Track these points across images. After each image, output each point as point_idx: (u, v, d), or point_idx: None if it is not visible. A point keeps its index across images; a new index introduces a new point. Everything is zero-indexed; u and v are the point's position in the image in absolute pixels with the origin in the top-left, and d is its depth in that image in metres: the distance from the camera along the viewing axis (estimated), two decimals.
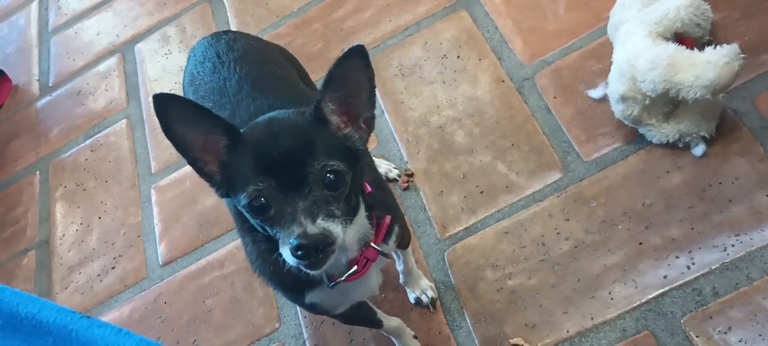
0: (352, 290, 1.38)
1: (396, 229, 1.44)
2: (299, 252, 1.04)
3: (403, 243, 1.67)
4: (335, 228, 1.06)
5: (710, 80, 1.65)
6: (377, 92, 2.33)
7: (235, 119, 1.46)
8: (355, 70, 1.10)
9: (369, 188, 1.31)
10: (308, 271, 1.10)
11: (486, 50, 2.32)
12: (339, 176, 1.09)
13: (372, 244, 1.30)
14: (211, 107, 1.56)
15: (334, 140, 1.14)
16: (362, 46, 1.08)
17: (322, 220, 1.05)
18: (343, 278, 1.28)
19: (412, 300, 1.88)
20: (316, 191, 1.07)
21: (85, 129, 2.87)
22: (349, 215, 1.15)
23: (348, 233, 1.18)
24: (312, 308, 1.40)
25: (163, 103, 1.06)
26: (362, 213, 1.26)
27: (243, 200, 1.09)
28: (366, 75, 1.11)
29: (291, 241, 1.03)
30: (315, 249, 1.04)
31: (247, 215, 1.13)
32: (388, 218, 1.34)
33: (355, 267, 1.29)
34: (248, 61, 1.61)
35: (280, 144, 1.10)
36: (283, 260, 1.10)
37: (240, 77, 1.56)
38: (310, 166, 1.07)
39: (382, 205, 1.37)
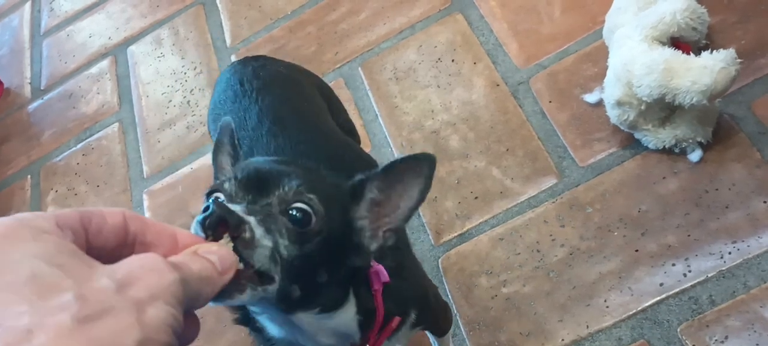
0: None
1: (411, 316, 1.19)
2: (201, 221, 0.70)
3: (441, 330, 1.50)
4: (263, 236, 0.76)
5: (706, 85, 1.64)
6: (371, 97, 2.33)
7: (250, 157, 1.36)
8: (415, 175, 0.92)
9: (387, 277, 1.07)
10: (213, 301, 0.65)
11: (481, 54, 2.30)
12: (308, 214, 0.83)
13: None
14: None
15: (342, 212, 0.92)
16: (435, 158, 0.91)
17: (256, 220, 0.76)
18: None
19: None
20: (274, 209, 0.81)
21: (77, 132, 2.84)
22: (299, 283, 0.84)
23: (316, 320, 0.96)
24: None
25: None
26: (349, 312, 1.01)
27: (205, 196, 0.88)
28: (420, 186, 0.92)
29: (204, 206, 0.72)
30: (215, 225, 0.70)
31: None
32: (396, 320, 1.10)
33: None
34: (273, 92, 1.46)
35: (278, 163, 0.91)
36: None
37: (261, 109, 1.41)
38: (283, 184, 0.84)
39: (397, 299, 1.12)
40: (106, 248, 0.53)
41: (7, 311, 0.42)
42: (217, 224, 0.69)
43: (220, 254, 0.58)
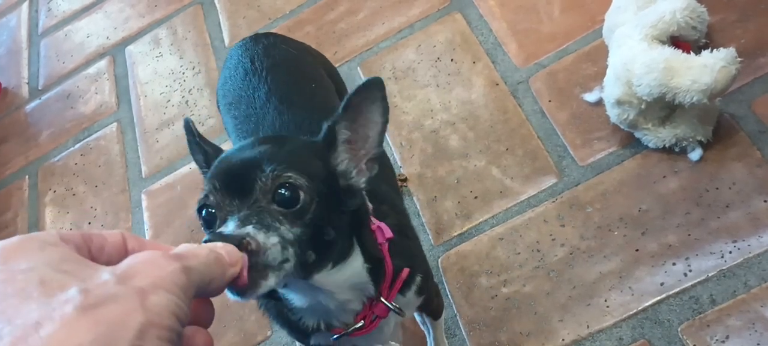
0: (360, 341, 1.21)
1: (417, 279, 1.24)
2: None
3: (435, 312, 1.56)
4: (267, 238, 0.80)
5: (707, 84, 1.63)
6: None
7: (258, 134, 1.34)
8: (371, 102, 0.97)
9: (390, 233, 1.13)
10: (231, 296, 0.74)
11: (480, 53, 2.29)
12: (295, 191, 0.86)
13: (382, 299, 1.11)
14: (237, 117, 1.48)
15: (322, 167, 0.95)
16: (381, 79, 0.96)
17: (253, 227, 0.79)
18: (348, 331, 1.13)
19: None
20: (262, 203, 0.84)
21: (75, 133, 2.83)
22: (312, 248, 0.89)
23: (331, 276, 1.00)
24: None
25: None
26: (357, 261, 1.05)
27: (197, 213, 0.92)
28: (380, 110, 0.98)
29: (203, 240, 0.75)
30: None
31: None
32: (406, 271, 1.15)
33: (361, 322, 1.12)
34: (282, 71, 1.49)
35: (244, 152, 0.93)
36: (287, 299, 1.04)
37: (269, 88, 1.44)
38: (259, 175, 0.86)
39: (403, 254, 1.18)
40: (109, 264, 0.55)
41: (18, 311, 0.44)
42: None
43: (227, 249, 0.62)
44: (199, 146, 1.08)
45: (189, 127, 1.10)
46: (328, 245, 0.95)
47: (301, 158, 0.93)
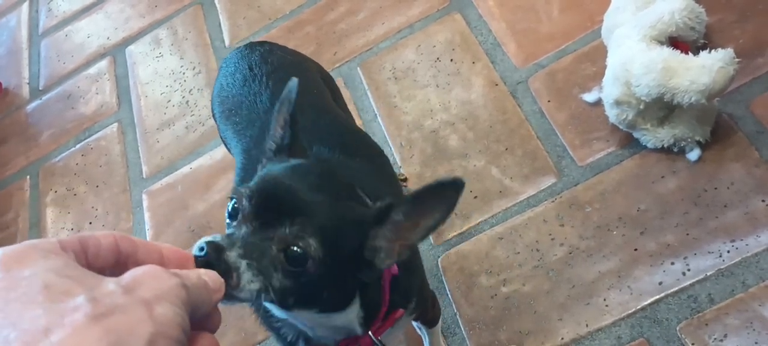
0: None
1: (410, 307, 1.23)
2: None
3: (431, 322, 1.58)
4: (249, 282, 0.80)
5: (705, 85, 1.64)
6: (370, 96, 2.33)
7: (263, 139, 1.39)
8: (441, 199, 0.90)
9: (396, 269, 1.10)
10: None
11: (479, 53, 2.30)
12: (305, 258, 0.84)
13: (370, 333, 1.09)
14: (238, 123, 1.47)
15: (355, 243, 0.92)
16: (464, 183, 0.88)
17: (247, 264, 0.80)
18: None
19: None
20: (273, 246, 0.83)
21: (76, 133, 2.84)
22: (295, 297, 0.89)
23: (314, 317, 1.01)
24: None
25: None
26: (351, 312, 1.04)
27: (231, 194, 0.90)
28: (443, 210, 0.90)
29: (199, 243, 0.79)
30: (205, 263, 0.76)
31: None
32: (400, 312, 1.14)
33: None
34: (282, 77, 1.47)
35: (296, 185, 0.89)
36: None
37: (272, 93, 1.43)
38: (288, 221, 0.84)
39: (403, 291, 1.16)
40: (105, 269, 0.56)
41: (23, 316, 0.44)
42: (206, 265, 0.73)
43: (210, 276, 0.62)
44: (288, 124, 1.01)
45: (293, 96, 1.00)
46: (315, 298, 0.93)
47: (337, 229, 0.89)
